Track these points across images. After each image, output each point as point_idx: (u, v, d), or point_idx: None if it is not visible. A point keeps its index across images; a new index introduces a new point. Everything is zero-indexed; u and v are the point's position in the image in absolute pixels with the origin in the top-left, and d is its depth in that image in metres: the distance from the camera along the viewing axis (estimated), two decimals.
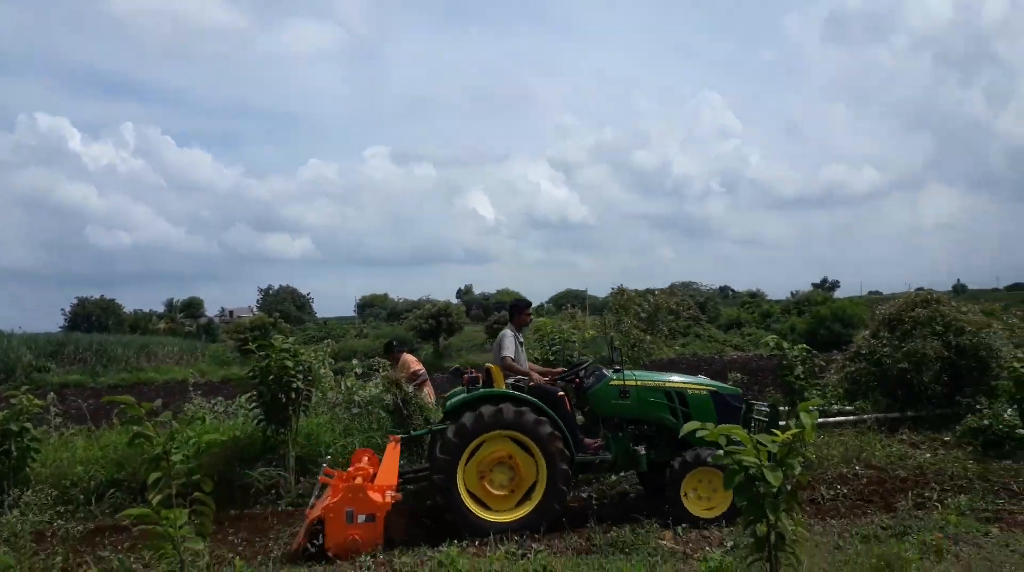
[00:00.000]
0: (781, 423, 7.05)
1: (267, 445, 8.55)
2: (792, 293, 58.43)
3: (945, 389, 10.66)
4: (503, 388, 6.99)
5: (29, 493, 7.39)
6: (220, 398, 10.31)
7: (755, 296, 58.32)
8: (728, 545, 5.82)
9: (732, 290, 73.87)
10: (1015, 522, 6.29)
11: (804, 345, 11.22)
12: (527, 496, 6.65)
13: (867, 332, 12.23)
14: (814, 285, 72.54)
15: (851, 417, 10.46)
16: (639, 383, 7.15)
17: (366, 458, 7.31)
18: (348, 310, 71.87)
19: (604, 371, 7.47)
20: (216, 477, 7.93)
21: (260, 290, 64.90)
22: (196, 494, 4.74)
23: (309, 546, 6.07)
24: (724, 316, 49.26)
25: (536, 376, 7.42)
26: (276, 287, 64.58)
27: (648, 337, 11.31)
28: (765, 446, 3.99)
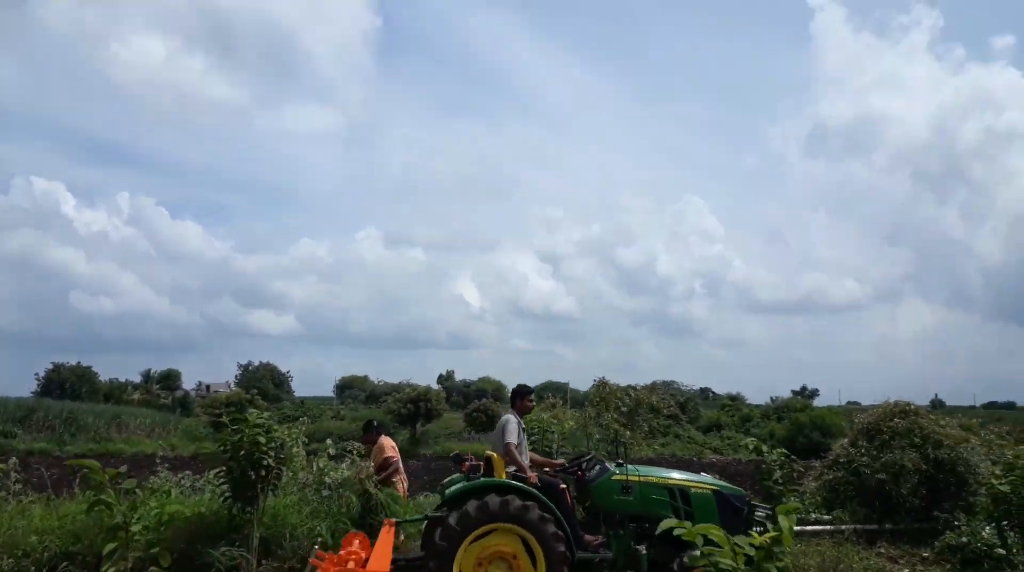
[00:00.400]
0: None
1: (232, 524, 8.28)
2: (772, 398, 58.32)
3: (923, 502, 10.56)
4: (504, 477, 6.79)
5: None
6: (188, 472, 10.05)
7: (735, 399, 58.24)
8: None
9: (712, 392, 73.64)
10: None
11: (783, 450, 11.16)
12: None
13: (846, 440, 12.21)
14: (793, 392, 72.52)
15: (829, 527, 10.30)
16: (642, 479, 7.02)
17: (357, 541, 7.10)
18: (327, 390, 70.89)
19: (607, 465, 7.31)
20: (177, 554, 7.70)
21: (239, 366, 63.97)
22: (152, 569, 4.59)
23: None
24: (704, 418, 48.99)
25: (532, 474, 7.06)
26: (256, 364, 63.77)
27: (628, 432, 11.23)
28: (743, 548, 3.95)
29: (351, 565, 6.11)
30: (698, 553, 6.50)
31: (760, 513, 7.23)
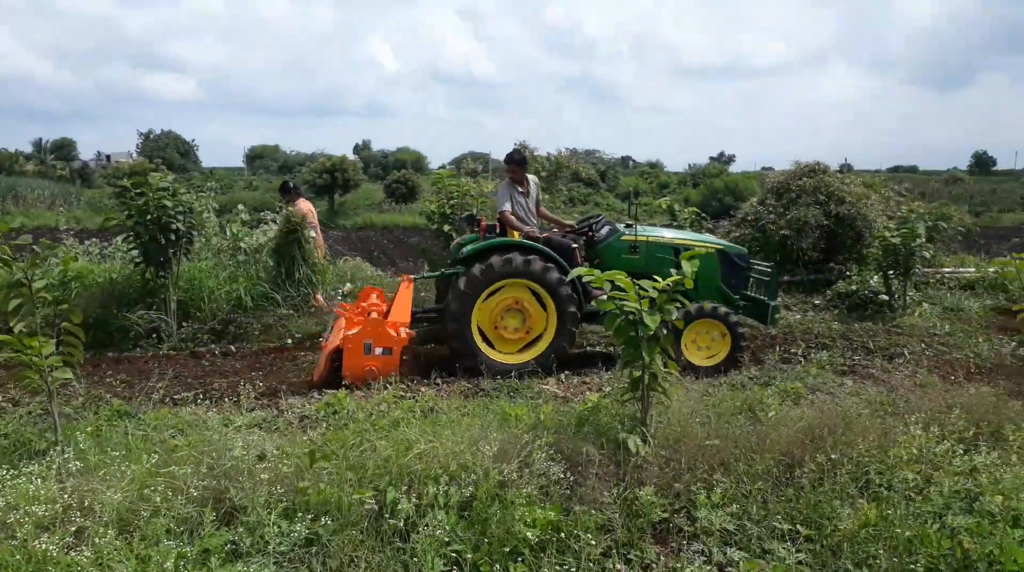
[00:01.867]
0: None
1: (146, 289, 8.20)
2: (690, 165, 59.64)
3: (821, 255, 11.27)
4: (515, 237, 7.07)
5: None
6: (95, 240, 9.74)
7: (654, 166, 59.26)
8: (606, 390, 6.09)
9: (633, 160, 74.51)
10: (867, 375, 6.84)
11: (694, 208, 11.51)
12: (537, 339, 6.95)
13: (755, 199, 12.66)
14: (711, 158, 74.18)
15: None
16: (650, 239, 7.30)
17: (375, 295, 7.48)
18: (237, 161, 68.42)
19: (616, 226, 7.57)
20: (92, 319, 7.64)
21: (140, 134, 60.40)
22: (64, 325, 4.51)
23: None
24: (623, 185, 49.95)
25: (538, 235, 7.25)
26: (158, 132, 60.35)
27: (547, 197, 11.28)
28: (647, 292, 4.11)
29: (374, 315, 6.59)
30: (701, 305, 6.89)
31: (761, 271, 7.72)
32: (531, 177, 7.83)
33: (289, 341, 8.30)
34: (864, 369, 7.14)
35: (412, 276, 7.75)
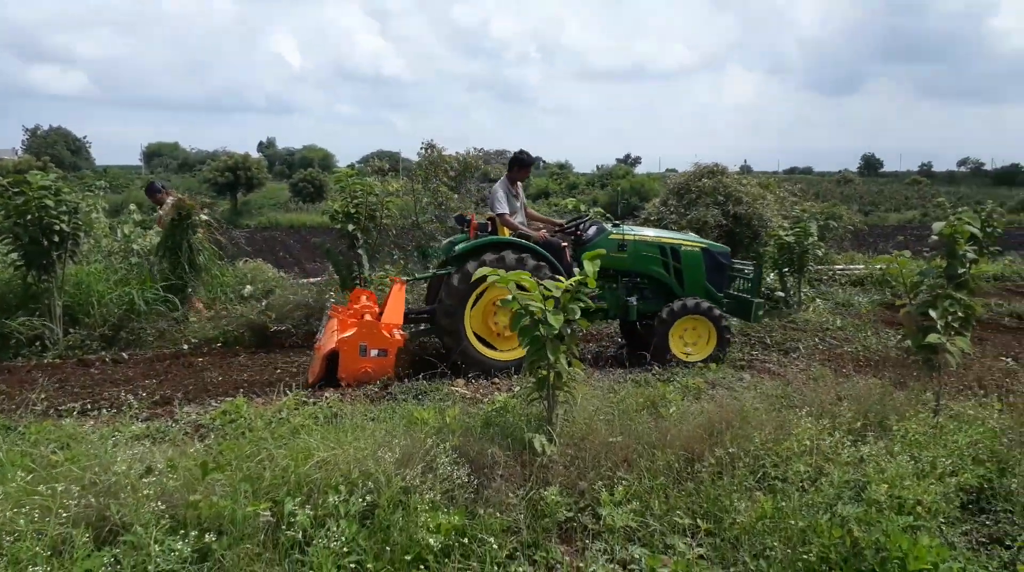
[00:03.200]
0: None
1: (29, 294, 7.70)
2: (598, 166, 60.77)
3: None
4: (507, 236, 7.14)
5: None
6: None
7: (563, 167, 60.05)
8: (515, 390, 6.09)
9: (543, 161, 75.27)
10: (764, 369, 7.09)
11: (600, 209, 11.68)
12: None
13: (658, 200, 12.98)
14: (618, 160, 75.88)
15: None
16: (636, 238, 7.45)
17: (364, 297, 7.39)
18: (134, 159, 65.42)
19: (604, 225, 7.73)
20: None
21: (26, 130, 56.96)
22: None
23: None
24: (533, 186, 50.38)
25: (536, 234, 7.29)
26: (46, 128, 57.00)
27: (455, 197, 11.22)
28: (550, 291, 4.12)
29: (367, 317, 6.63)
30: (686, 302, 7.09)
31: (743, 270, 7.93)
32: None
33: (185, 346, 7.96)
34: (761, 363, 7.41)
35: (404, 277, 7.80)
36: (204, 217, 8.95)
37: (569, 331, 4.17)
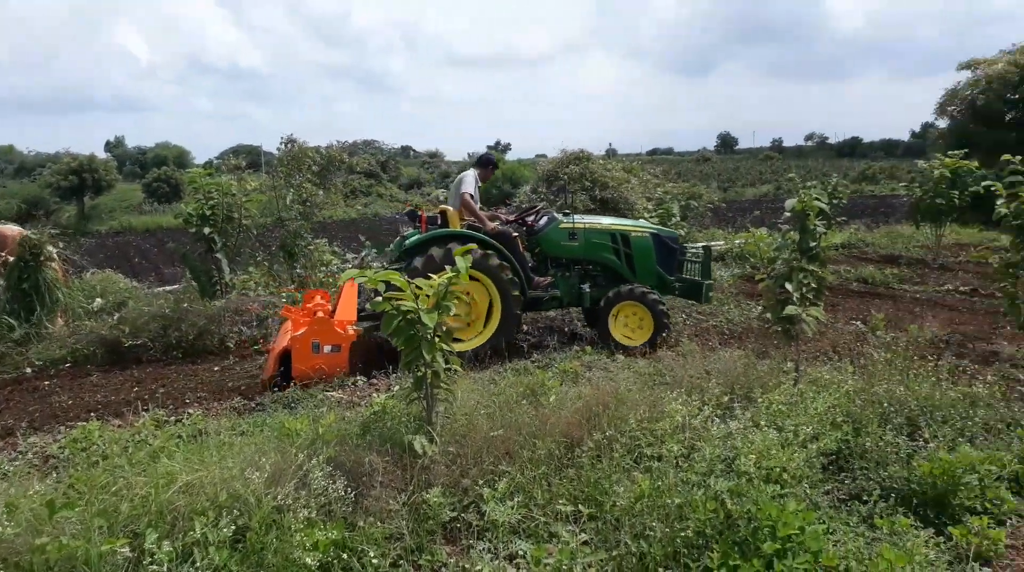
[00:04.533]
0: None
1: None
2: (469, 154, 60.77)
3: None
4: (457, 229, 7.18)
5: None
6: None
7: (435, 156, 59.76)
8: (395, 390, 5.97)
9: (413, 150, 74.68)
10: (637, 352, 7.29)
11: (418, 200, 11.66)
12: (484, 327, 7.12)
13: (528, 187, 13.12)
14: (489, 147, 76.31)
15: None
16: (587, 226, 7.57)
17: (319, 297, 7.50)
18: None
19: (554, 215, 7.83)
20: None
21: None
22: None
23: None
24: (405, 175, 49.89)
25: (491, 224, 7.39)
26: None
27: (321, 192, 10.86)
28: (423, 290, 4.03)
29: (320, 314, 6.61)
30: (632, 288, 7.15)
31: (693, 252, 8.06)
32: None
33: (28, 370, 7.31)
34: (635, 346, 7.60)
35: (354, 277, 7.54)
36: (52, 250, 8.14)
37: (444, 329, 4.10)
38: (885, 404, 4.49)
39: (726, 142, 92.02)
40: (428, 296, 4.02)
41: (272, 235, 10.56)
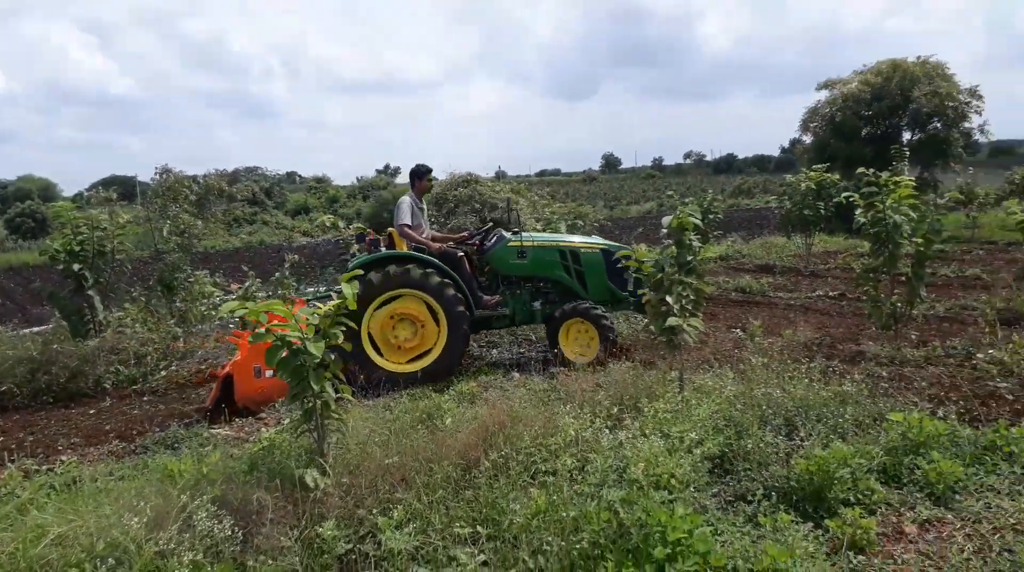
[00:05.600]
0: None
1: None
2: (358, 178, 60.13)
3: None
4: (403, 249, 7.32)
5: None
6: None
7: (321, 181, 58.67)
8: (285, 423, 5.80)
9: (299, 175, 73.20)
10: (529, 368, 7.37)
11: (360, 224, 11.52)
12: (430, 349, 7.13)
13: None
14: (378, 171, 75.81)
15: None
16: (536, 244, 7.61)
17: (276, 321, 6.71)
18: None
19: (503, 233, 7.87)
20: None
21: None
22: None
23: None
24: (291, 202, 48.76)
25: (435, 245, 7.47)
26: None
27: (200, 223, 10.46)
28: (309, 321, 3.95)
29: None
30: (577, 305, 7.17)
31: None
32: None
33: None
34: (528, 362, 7.70)
35: (304, 297, 7.71)
36: None
37: (332, 357, 4.02)
38: (764, 406, 4.72)
39: (610, 162, 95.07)
40: (313, 325, 3.94)
41: (150, 269, 10.08)
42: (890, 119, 22.76)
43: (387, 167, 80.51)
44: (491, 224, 8.99)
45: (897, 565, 3.27)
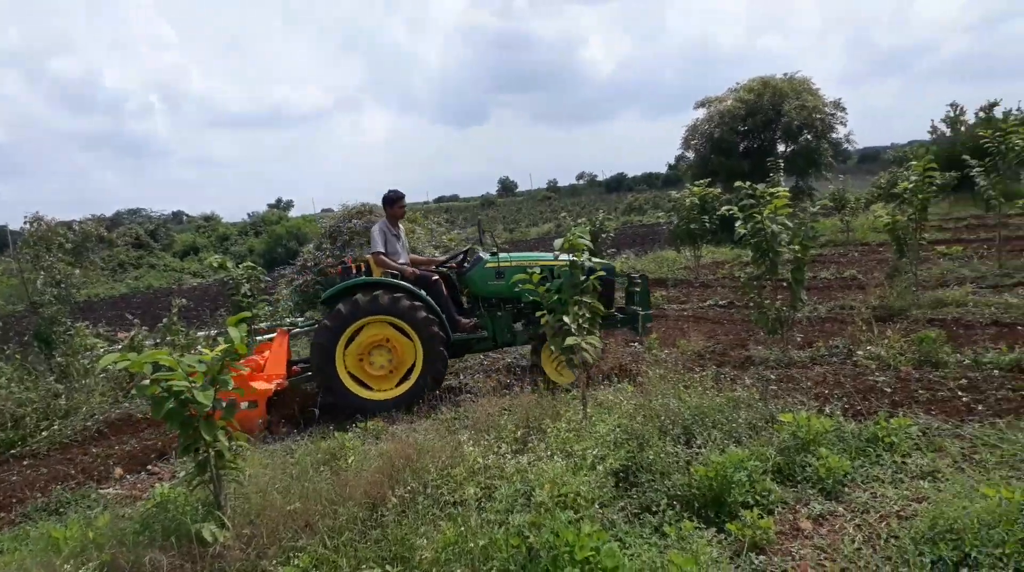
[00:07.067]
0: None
1: None
2: (249, 214, 58.47)
3: None
4: (378, 277, 7.20)
5: None
6: None
7: (210, 219, 56.65)
8: (180, 475, 5.54)
9: (186, 215, 70.41)
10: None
11: (249, 263, 11.18)
12: (406, 376, 7.01)
13: (312, 245, 12.85)
14: (269, 205, 73.94)
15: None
16: (514, 263, 7.45)
17: (267, 351, 7.19)
18: None
19: (481, 255, 7.76)
20: None
21: None
22: None
23: None
24: (180, 242, 46.84)
25: (408, 269, 7.35)
26: None
27: (77, 271, 9.90)
28: (194, 367, 3.79)
29: (245, 370, 6.17)
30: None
31: (633, 281, 8.12)
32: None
33: None
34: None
35: (287, 328, 7.67)
36: None
37: (224, 404, 3.88)
38: (663, 417, 4.85)
39: (506, 186, 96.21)
40: (202, 373, 3.79)
41: (25, 323, 9.45)
42: (764, 133, 24.01)
43: (279, 201, 78.65)
44: (469, 247, 8.89)
45: (795, 562, 3.42)
